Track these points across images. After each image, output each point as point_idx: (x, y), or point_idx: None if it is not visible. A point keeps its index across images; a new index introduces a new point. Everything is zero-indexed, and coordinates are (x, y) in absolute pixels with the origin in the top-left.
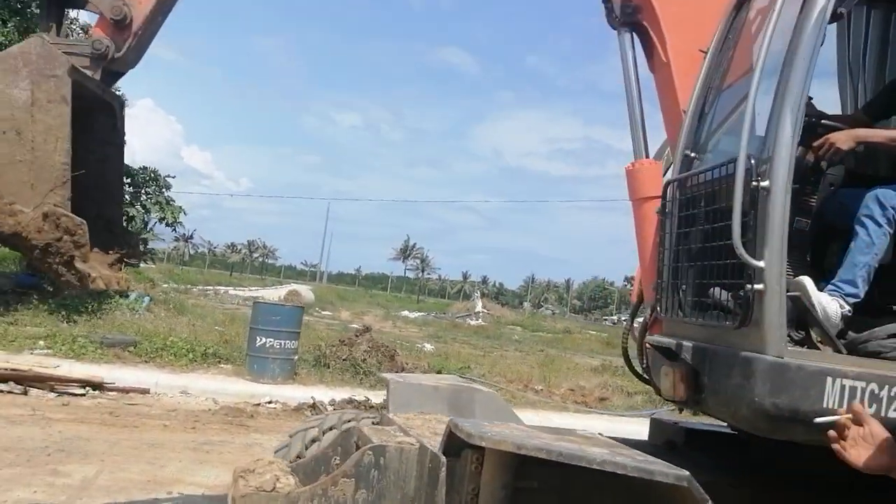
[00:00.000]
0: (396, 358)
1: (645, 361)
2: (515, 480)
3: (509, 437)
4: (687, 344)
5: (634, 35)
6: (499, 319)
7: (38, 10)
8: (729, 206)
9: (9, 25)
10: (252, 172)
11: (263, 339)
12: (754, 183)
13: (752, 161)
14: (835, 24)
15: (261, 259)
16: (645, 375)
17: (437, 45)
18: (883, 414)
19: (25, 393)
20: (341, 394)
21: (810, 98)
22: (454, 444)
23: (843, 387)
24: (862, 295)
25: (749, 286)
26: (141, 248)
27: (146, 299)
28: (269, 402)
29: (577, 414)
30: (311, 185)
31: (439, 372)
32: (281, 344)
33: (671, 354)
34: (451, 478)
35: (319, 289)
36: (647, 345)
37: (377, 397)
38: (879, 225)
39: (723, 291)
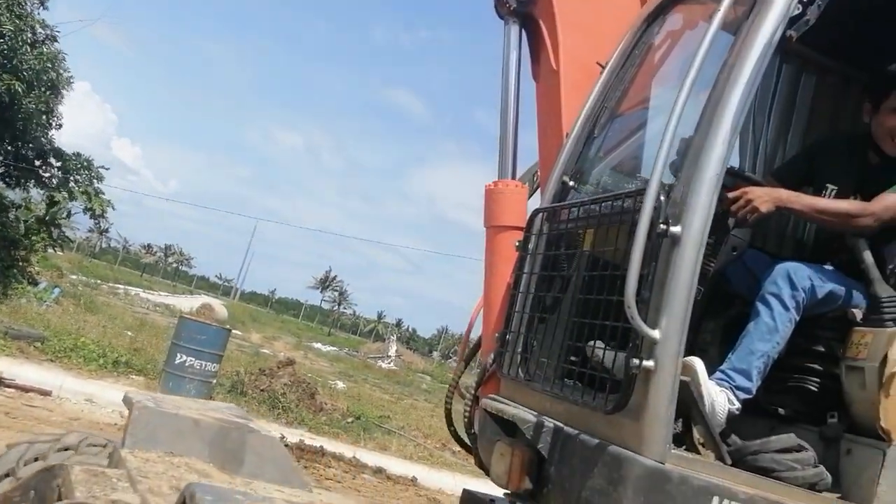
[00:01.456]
0: (317, 396)
1: (472, 427)
2: None
3: None
4: (533, 419)
5: (523, 31)
6: (409, 366)
7: None
8: (617, 251)
9: None
10: (182, 175)
11: (184, 357)
12: (661, 226)
13: (661, 199)
14: None
15: (175, 265)
16: (468, 443)
17: (390, 82)
18: None
19: None
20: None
21: None
22: None
23: None
24: (755, 391)
25: (635, 361)
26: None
27: (56, 290)
28: None
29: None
30: (240, 197)
31: (358, 418)
32: (202, 365)
33: (510, 429)
34: None
35: (231, 305)
36: (479, 407)
37: (294, 436)
38: (786, 308)
39: (594, 361)
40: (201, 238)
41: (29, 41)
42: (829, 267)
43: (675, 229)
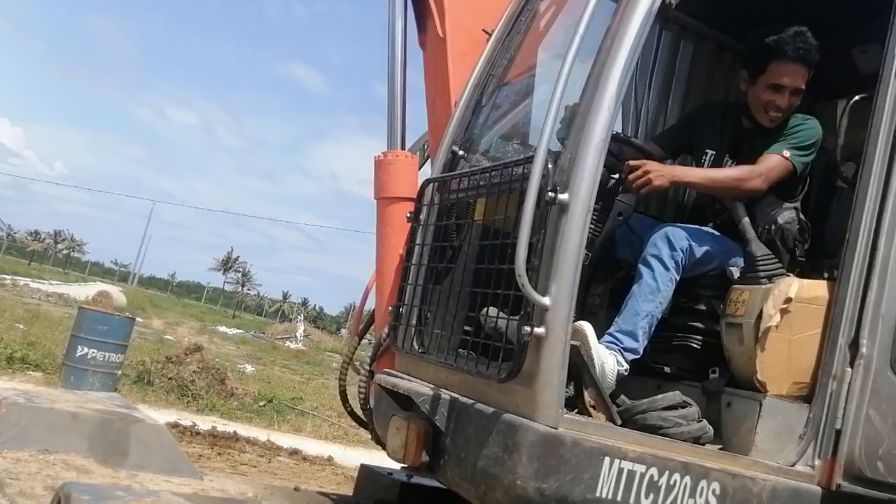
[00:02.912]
0: (227, 382)
1: (366, 402)
2: None
3: None
4: (429, 392)
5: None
6: (318, 345)
7: None
8: (507, 219)
9: None
10: (68, 157)
11: (86, 350)
12: (550, 194)
13: (549, 167)
14: None
15: (66, 251)
16: (365, 419)
17: (287, 57)
18: None
19: None
20: (166, 415)
21: None
22: None
23: (620, 470)
24: (642, 351)
25: (527, 328)
26: None
27: None
28: None
29: None
30: (133, 179)
31: (270, 401)
32: (105, 356)
33: (406, 403)
34: None
35: (130, 291)
36: (374, 382)
37: (206, 423)
38: (667, 268)
39: (487, 329)
40: (94, 222)
41: None
42: (707, 228)
43: (563, 196)
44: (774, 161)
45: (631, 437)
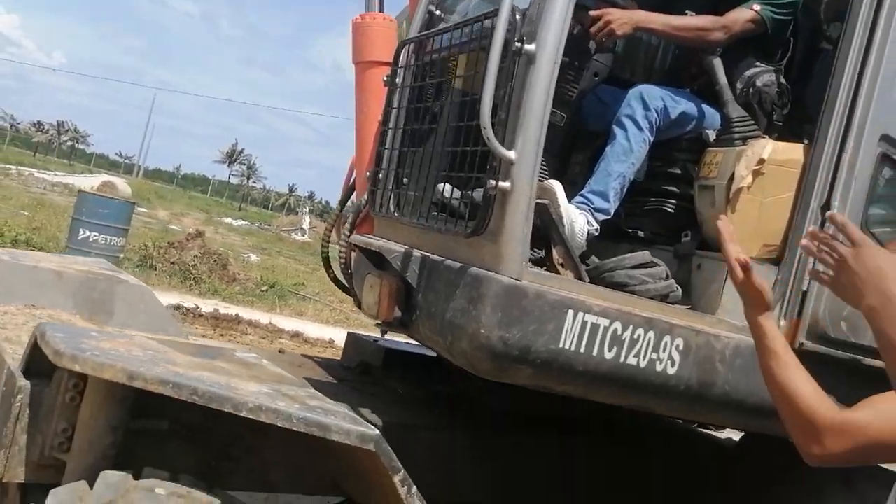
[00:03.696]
0: (229, 267)
1: (348, 267)
2: (133, 420)
3: (120, 361)
4: (400, 249)
5: None
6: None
7: None
8: (478, 76)
9: None
10: (68, 46)
11: (87, 233)
12: (516, 45)
13: (517, 17)
14: None
15: (70, 143)
16: (347, 284)
17: None
18: (622, 360)
19: None
20: (168, 298)
21: None
22: (42, 363)
23: (584, 323)
24: (613, 212)
25: (492, 182)
26: None
27: None
28: None
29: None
30: (133, 70)
31: (272, 287)
32: (106, 239)
33: (380, 262)
34: (36, 410)
35: (135, 183)
36: (353, 246)
37: (208, 306)
38: (640, 129)
39: (455, 188)
40: (97, 114)
41: None
42: (684, 90)
43: (530, 47)
44: (741, 14)
45: (596, 292)
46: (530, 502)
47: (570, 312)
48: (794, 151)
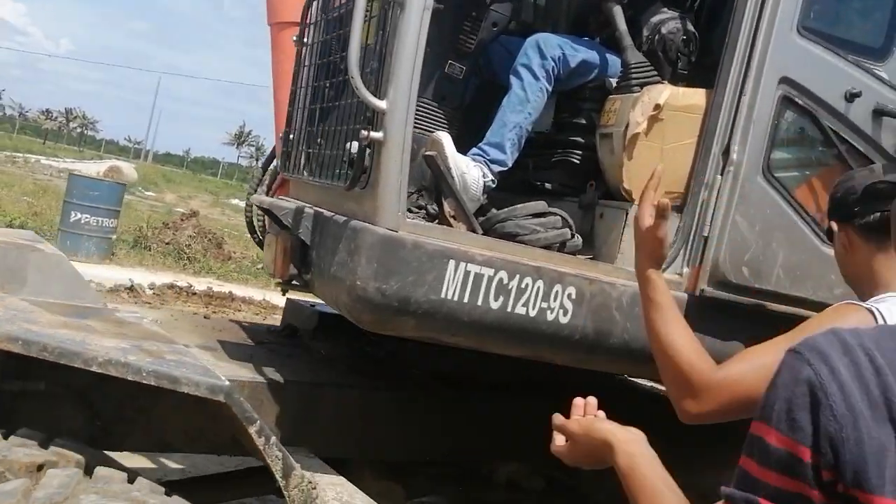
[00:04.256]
0: (224, 246)
1: (260, 229)
2: (3, 381)
3: None
4: (291, 207)
5: None
6: None
7: None
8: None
9: None
10: (74, 33)
11: (79, 215)
12: None
13: None
14: None
15: (79, 130)
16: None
17: None
18: (510, 309)
19: None
20: (162, 278)
21: None
22: None
23: (467, 273)
24: (510, 163)
25: (364, 133)
26: None
27: None
28: None
29: None
30: (140, 53)
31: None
32: (98, 221)
33: (278, 221)
34: None
35: (143, 167)
36: (260, 207)
37: (201, 285)
38: (536, 77)
39: (343, 143)
40: (105, 100)
41: None
42: (585, 39)
43: None
44: None
45: (480, 241)
46: (446, 460)
47: (452, 262)
48: (693, 97)
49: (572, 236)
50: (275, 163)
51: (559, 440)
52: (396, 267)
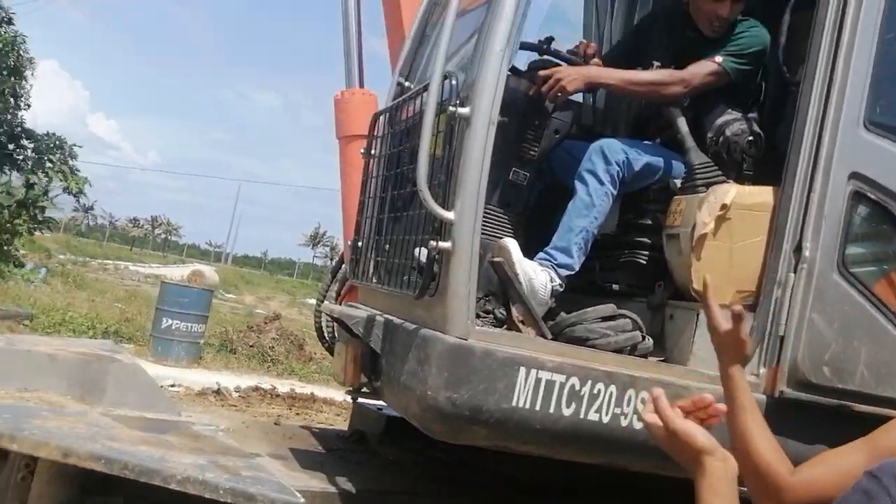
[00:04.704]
0: (305, 347)
1: (329, 336)
2: (85, 495)
3: (57, 439)
4: (362, 315)
5: None
6: None
7: None
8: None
9: None
10: (160, 145)
11: (169, 321)
12: (451, 108)
13: (454, 82)
14: None
15: (164, 235)
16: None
17: (370, 33)
18: (582, 416)
19: None
20: (248, 381)
21: (551, 38)
22: None
23: (538, 380)
24: (577, 267)
25: (433, 243)
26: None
27: (42, 271)
28: (173, 386)
29: None
30: (221, 162)
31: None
32: (188, 327)
33: (348, 329)
34: None
35: (224, 270)
36: (328, 316)
37: (284, 386)
38: (602, 182)
39: (418, 253)
40: (187, 206)
41: None
42: (647, 142)
43: (464, 110)
44: (702, 67)
45: (550, 347)
46: None
47: (522, 370)
48: (760, 194)
49: (643, 339)
50: (343, 269)
51: (652, 417)
52: (467, 376)
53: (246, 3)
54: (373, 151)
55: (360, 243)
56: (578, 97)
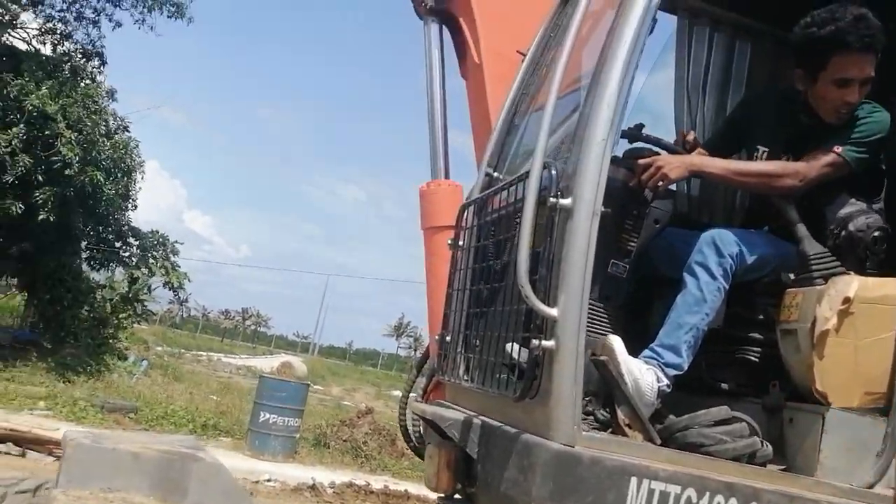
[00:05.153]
0: (398, 442)
1: (410, 439)
2: None
3: None
4: (457, 417)
5: (445, 29)
6: None
7: (69, 74)
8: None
9: (42, 89)
10: (252, 239)
11: (267, 415)
12: (552, 200)
13: (554, 172)
14: (674, 51)
15: (253, 327)
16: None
17: (453, 126)
18: None
19: (23, 455)
20: (341, 476)
21: (641, 125)
22: None
23: (651, 491)
24: (686, 367)
25: (535, 342)
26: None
27: (144, 363)
28: (269, 481)
29: None
30: (309, 255)
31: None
32: (284, 421)
33: (441, 432)
34: None
35: (311, 361)
36: (415, 415)
37: (378, 482)
38: (714, 277)
39: (510, 349)
40: (276, 298)
41: (104, 133)
42: (759, 232)
43: (566, 202)
44: (821, 158)
45: (663, 454)
46: None
47: (634, 479)
48: (887, 286)
49: (762, 445)
50: (428, 363)
51: None
52: (574, 486)
53: (333, 104)
54: (461, 243)
55: (447, 338)
56: (674, 185)
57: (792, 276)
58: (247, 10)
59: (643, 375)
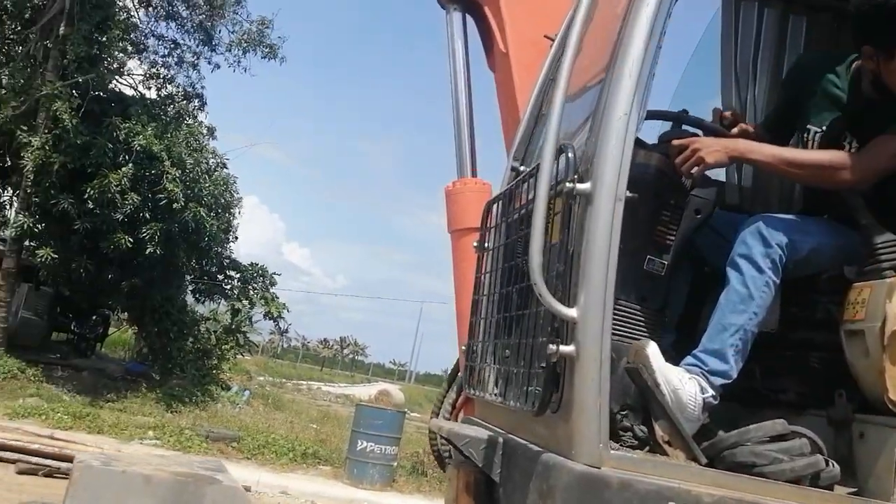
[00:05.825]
0: None
1: (446, 457)
2: None
3: None
4: (476, 435)
5: (468, 17)
6: None
7: (173, 115)
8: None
9: (148, 130)
10: (347, 269)
11: (364, 443)
12: (568, 185)
13: (571, 155)
14: (719, 29)
15: (351, 356)
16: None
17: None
18: None
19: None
20: None
21: (685, 111)
22: None
23: None
24: (734, 374)
25: (552, 347)
26: (242, 340)
27: (246, 393)
28: None
29: None
30: (403, 282)
31: None
32: (381, 449)
33: (460, 451)
34: None
35: (407, 389)
36: (439, 434)
37: None
38: (760, 270)
39: (531, 358)
40: (373, 326)
41: (205, 170)
42: (816, 218)
43: (584, 186)
44: (889, 147)
45: (708, 476)
46: None
47: None
48: None
49: (827, 464)
50: (459, 377)
51: None
52: None
53: (424, 139)
54: (486, 244)
55: (474, 347)
56: (721, 175)
57: (856, 268)
58: (336, 45)
59: (684, 385)
